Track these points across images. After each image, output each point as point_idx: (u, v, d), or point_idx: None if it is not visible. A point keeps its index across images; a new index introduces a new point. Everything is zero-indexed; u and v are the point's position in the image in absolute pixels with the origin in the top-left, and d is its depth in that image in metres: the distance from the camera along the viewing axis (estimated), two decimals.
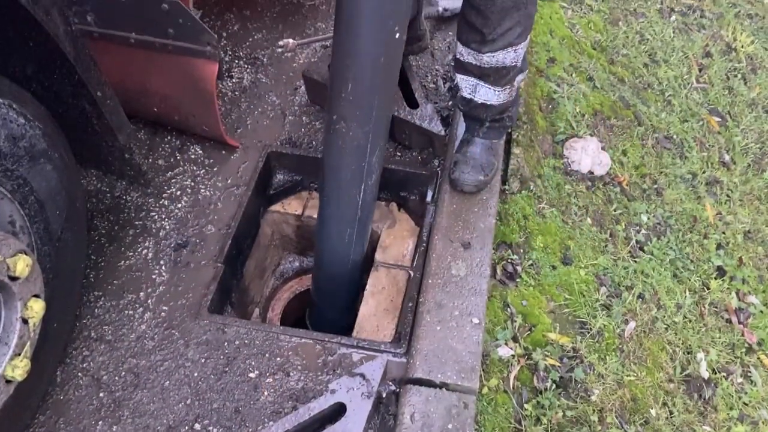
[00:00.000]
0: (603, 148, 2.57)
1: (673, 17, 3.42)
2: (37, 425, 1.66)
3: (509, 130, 2.30)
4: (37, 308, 1.43)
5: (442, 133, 2.24)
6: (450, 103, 2.40)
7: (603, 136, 2.64)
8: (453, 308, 1.83)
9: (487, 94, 1.98)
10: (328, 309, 2.17)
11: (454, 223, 2.04)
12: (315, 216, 2.01)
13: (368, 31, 1.40)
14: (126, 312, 1.87)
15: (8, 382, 1.42)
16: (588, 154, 2.50)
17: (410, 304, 1.90)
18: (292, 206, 2.31)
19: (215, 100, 2.07)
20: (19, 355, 1.42)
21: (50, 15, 1.43)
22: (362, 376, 1.74)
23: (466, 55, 1.92)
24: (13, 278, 1.36)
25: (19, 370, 1.42)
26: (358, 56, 1.45)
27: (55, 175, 1.54)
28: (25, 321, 1.42)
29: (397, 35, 1.38)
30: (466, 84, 1.99)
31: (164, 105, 2.19)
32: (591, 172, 2.50)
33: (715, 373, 2.12)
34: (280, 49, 2.02)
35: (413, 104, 2.28)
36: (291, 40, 2.02)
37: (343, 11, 1.41)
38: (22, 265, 1.35)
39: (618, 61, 3.06)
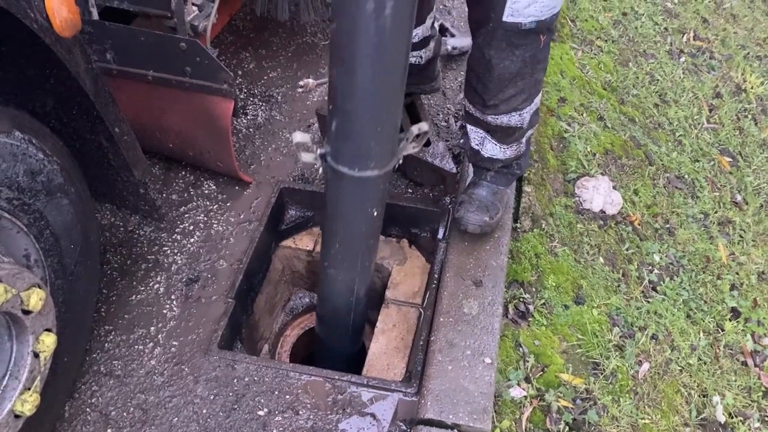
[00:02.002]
0: (614, 188, 2.57)
1: (683, 58, 3.45)
2: None
3: (518, 178, 2.29)
4: (48, 342, 1.43)
5: (454, 170, 2.26)
6: (461, 141, 2.41)
7: (614, 175, 2.64)
8: (465, 347, 1.81)
9: (493, 150, 1.99)
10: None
11: (466, 260, 2.04)
12: None
13: (352, 213, 1.61)
14: (136, 347, 1.87)
15: (17, 416, 1.41)
16: (600, 193, 2.50)
17: (421, 343, 1.88)
18: (303, 242, 2.31)
19: (230, 136, 2.09)
20: (29, 389, 1.42)
21: (72, 53, 1.46)
22: (372, 415, 1.72)
23: (473, 111, 1.94)
24: (26, 312, 1.36)
25: (29, 404, 1.41)
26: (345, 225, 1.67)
27: (71, 209, 1.55)
28: (36, 355, 1.42)
29: (375, 214, 1.60)
30: (474, 135, 2.01)
31: (180, 141, 2.22)
32: (603, 211, 2.49)
33: (732, 418, 2.08)
34: (300, 89, 2.06)
35: (425, 142, 2.29)
36: (311, 80, 2.06)
37: (330, 197, 1.60)
38: (36, 298, 1.35)
39: (628, 101, 3.08)
